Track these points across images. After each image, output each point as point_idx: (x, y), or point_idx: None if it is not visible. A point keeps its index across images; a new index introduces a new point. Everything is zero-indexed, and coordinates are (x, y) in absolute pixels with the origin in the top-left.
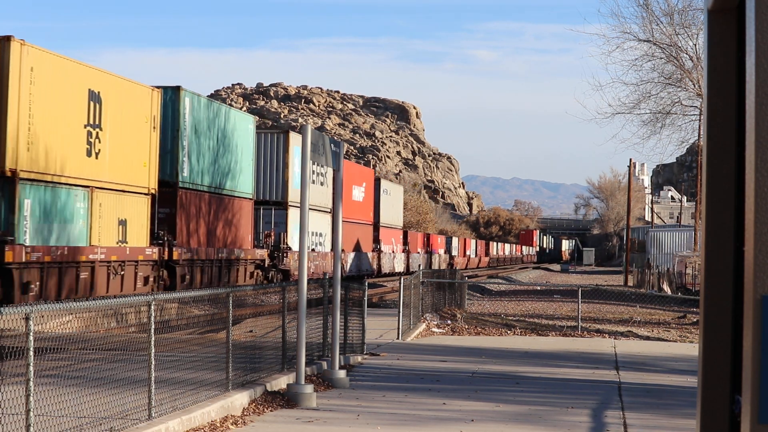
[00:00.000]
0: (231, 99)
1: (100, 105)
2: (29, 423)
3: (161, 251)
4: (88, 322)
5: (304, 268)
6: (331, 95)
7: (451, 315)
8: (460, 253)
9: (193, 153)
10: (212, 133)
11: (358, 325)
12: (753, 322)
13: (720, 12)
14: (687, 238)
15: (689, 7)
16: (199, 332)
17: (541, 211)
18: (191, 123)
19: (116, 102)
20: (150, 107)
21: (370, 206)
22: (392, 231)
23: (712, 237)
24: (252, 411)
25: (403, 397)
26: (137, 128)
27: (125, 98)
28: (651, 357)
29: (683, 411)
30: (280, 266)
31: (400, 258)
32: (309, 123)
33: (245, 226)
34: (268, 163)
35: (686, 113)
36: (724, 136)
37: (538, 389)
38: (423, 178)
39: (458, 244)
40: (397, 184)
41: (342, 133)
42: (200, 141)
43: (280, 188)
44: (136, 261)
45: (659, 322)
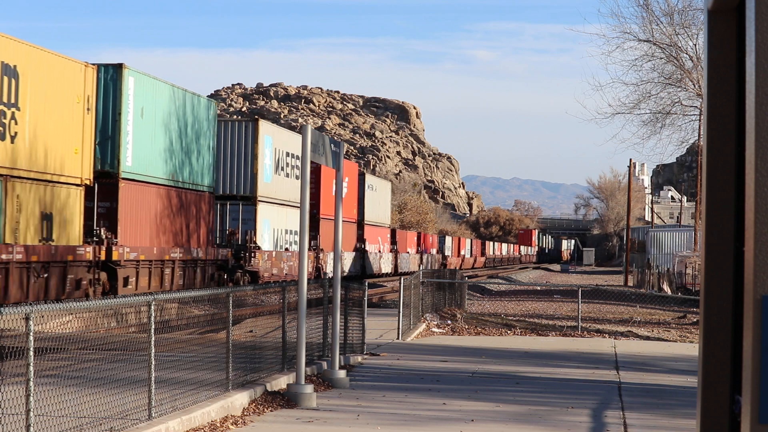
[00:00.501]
0: (231, 99)
1: (16, 81)
2: (29, 423)
3: (97, 250)
4: (88, 322)
5: (304, 268)
6: (331, 95)
7: (451, 315)
8: (454, 253)
9: (141, 140)
10: (165, 118)
11: (358, 325)
12: (753, 322)
13: (720, 12)
14: (687, 238)
15: (689, 7)
16: (199, 332)
17: (541, 211)
18: (137, 106)
19: (38, 78)
20: (83, 86)
21: (353, 203)
22: (378, 229)
23: (712, 237)
24: (252, 411)
25: (403, 397)
26: (66, 109)
27: (50, 74)
28: (651, 357)
29: (683, 411)
30: (247, 267)
31: (388, 258)
32: (309, 123)
33: (205, 222)
34: (234, 154)
35: (686, 113)
36: (724, 136)
37: (538, 389)
38: (423, 178)
39: (452, 244)
40: (383, 180)
41: (342, 133)
42: (149, 127)
43: (248, 182)
44: (64, 262)
45: (659, 322)
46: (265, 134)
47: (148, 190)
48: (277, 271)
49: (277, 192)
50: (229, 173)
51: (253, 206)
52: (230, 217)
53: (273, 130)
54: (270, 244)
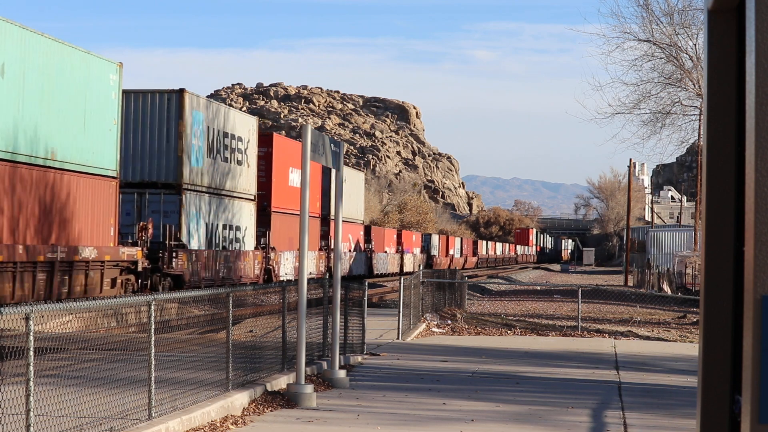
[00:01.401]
0: (231, 99)
1: None
2: (29, 423)
3: None
4: (88, 322)
5: (304, 268)
6: (331, 95)
7: (451, 315)
8: (442, 253)
9: (2, 107)
10: (42, 82)
11: (358, 325)
12: (753, 322)
13: (720, 12)
14: (687, 238)
15: (689, 7)
16: (199, 332)
17: (541, 211)
18: None
19: None
20: None
21: (316, 195)
22: (349, 226)
23: (712, 237)
24: (252, 411)
25: (403, 397)
26: None
27: None
28: (651, 357)
29: (683, 411)
30: (166, 270)
31: (360, 259)
32: (309, 123)
33: (105, 215)
34: (151, 132)
35: (686, 113)
36: (724, 136)
37: (538, 389)
38: (423, 178)
39: (439, 243)
40: (355, 170)
41: (342, 133)
42: (16, 91)
43: (171, 166)
44: None
45: (659, 322)
46: (194, 109)
47: (14, 174)
48: (211, 273)
49: (211, 179)
50: (141, 155)
51: (176, 195)
52: (149, 209)
53: (205, 104)
54: (200, 241)
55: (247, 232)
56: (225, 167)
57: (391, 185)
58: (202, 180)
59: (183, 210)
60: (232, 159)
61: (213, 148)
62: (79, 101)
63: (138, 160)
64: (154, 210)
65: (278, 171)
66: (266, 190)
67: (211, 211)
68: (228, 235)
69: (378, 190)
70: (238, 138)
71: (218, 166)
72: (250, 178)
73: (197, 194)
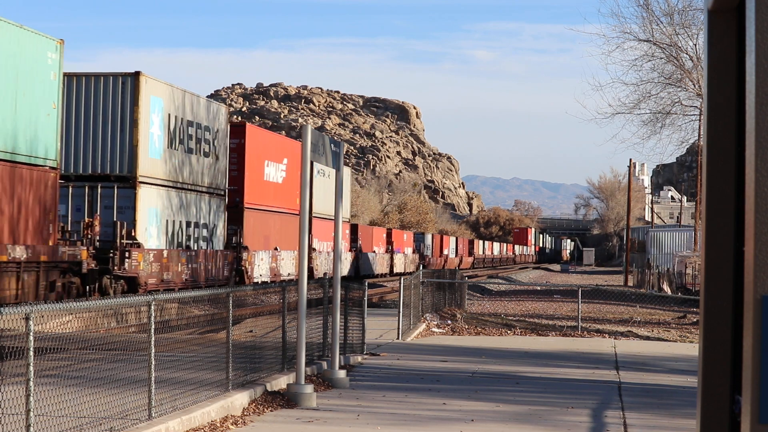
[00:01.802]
0: (231, 99)
1: None
2: (29, 423)
3: None
4: (88, 322)
5: (304, 268)
6: (331, 95)
7: (451, 315)
8: (435, 253)
9: None
10: None
11: (358, 325)
12: (753, 322)
13: (720, 12)
14: (687, 238)
15: (689, 7)
16: (199, 332)
17: (541, 211)
18: None
19: None
20: None
21: (295, 190)
22: (328, 224)
23: (712, 237)
24: (252, 411)
25: (403, 397)
26: None
27: None
28: (651, 357)
29: (683, 411)
30: (117, 271)
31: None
32: (309, 123)
33: (42, 210)
34: (104, 119)
35: (686, 113)
36: (724, 136)
37: (538, 389)
38: (423, 178)
39: (432, 242)
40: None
41: (342, 133)
42: None
43: (125, 157)
44: None
45: (659, 322)
46: (152, 95)
47: None
48: (171, 275)
49: (172, 172)
50: (92, 145)
51: (131, 189)
52: (102, 204)
53: (165, 90)
54: (160, 240)
55: (216, 230)
56: (190, 159)
57: (391, 185)
58: (161, 173)
59: (139, 205)
60: (198, 150)
61: (175, 138)
62: (8, 81)
63: (89, 150)
64: (107, 205)
65: (252, 164)
66: (238, 185)
67: (173, 207)
68: (193, 233)
69: (378, 190)
70: (205, 128)
71: (181, 158)
72: (219, 171)
73: (156, 188)
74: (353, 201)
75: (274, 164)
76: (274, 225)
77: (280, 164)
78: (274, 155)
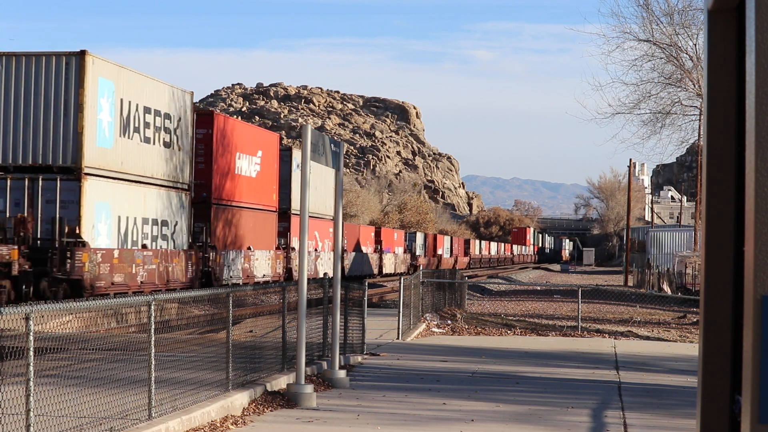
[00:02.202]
0: (231, 99)
1: None
2: (29, 423)
3: None
4: (88, 322)
5: (304, 268)
6: (331, 95)
7: (451, 315)
8: (429, 252)
9: None
10: None
11: (358, 325)
12: (753, 322)
13: (720, 12)
14: (687, 238)
15: (689, 7)
16: (199, 332)
17: (541, 211)
18: None
19: None
20: None
21: (270, 185)
22: (316, 222)
23: (712, 237)
24: (252, 411)
25: (403, 397)
26: None
27: None
28: (651, 357)
29: (683, 411)
30: (57, 273)
31: (327, 258)
32: (309, 123)
33: None
34: (46, 104)
35: (686, 113)
36: (724, 136)
37: (538, 389)
38: (423, 178)
39: (426, 242)
40: None
41: (342, 133)
42: None
43: (68, 146)
44: None
45: (659, 322)
46: (100, 76)
47: None
48: (124, 278)
49: (126, 163)
50: (42, 133)
51: (76, 182)
52: (43, 198)
53: (116, 72)
54: (111, 238)
55: (179, 227)
56: (146, 150)
57: (391, 185)
58: (112, 163)
59: (85, 199)
60: (156, 140)
61: (129, 126)
62: None
63: (30, 138)
64: (48, 199)
65: (221, 156)
66: (206, 179)
67: (127, 202)
68: (151, 231)
69: (378, 190)
70: (165, 115)
71: (137, 148)
72: (181, 163)
73: (106, 181)
74: (353, 201)
75: (247, 157)
76: (246, 223)
77: (254, 157)
78: (248, 147)
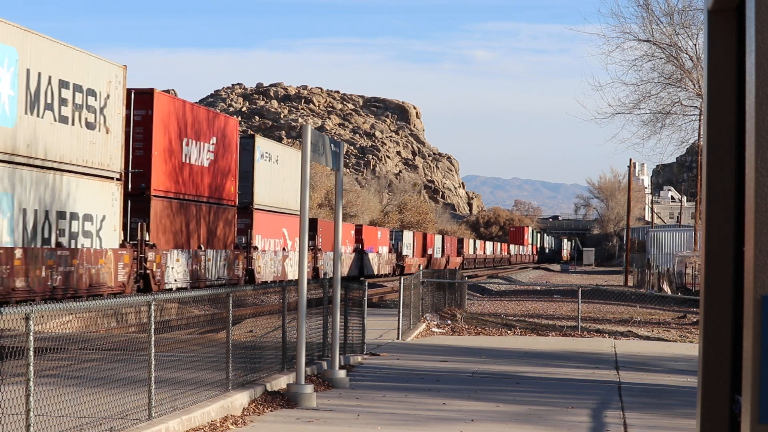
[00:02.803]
0: (231, 99)
1: None
2: (29, 423)
3: None
4: (88, 322)
5: (304, 267)
6: (331, 95)
7: (451, 315)
8: (416, 252)
9: None
10: None
11: (358, 325)
12: (753, 322)
13: (720, 12)
14: (687, 238)
15: (689, 7)
16: (199, 332)
17: (541, 211)
18: None
19: None
20: None
21: (229, 177)
22: (281, 218)
23: (712, 237)
24: (252, 411)
25: (403, 397)
26: None
27: None
28: (651, 357)
29: (683, 411)
30: None
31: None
32: (309, 123)
33: None
34: None
35: (686, 113)
36: (724, 136)
37: (538, 389)
38: (423, 178)
39: (414, 241)
40: (291, 148)
41: (342, 133)
42: None
43: None
44: None
45: (659, 322)
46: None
47: None
48: (31, 282)
49: (34, 146)
50: None
51: None
52: None
53: (20, 37)
54: (13, 235)
55: (107, 223)
56: (63, 131)
57: (391, 185)
58: (13, 146)
59: None
60: (77, 119)
61: (39, 102)
62: None
63: None
64: None
65: (164, 142)
66: (145, 168)
67: (35, 193)
68: (69, 227)
69: (378, 190)
70: (88, 91)
71: (49, 129)
72: (111, 148)
73: (4, 166)
74: (353, 201)
75: (198, 143)
76: (196, 218)
77: (207, 144)
78: (199, 132)
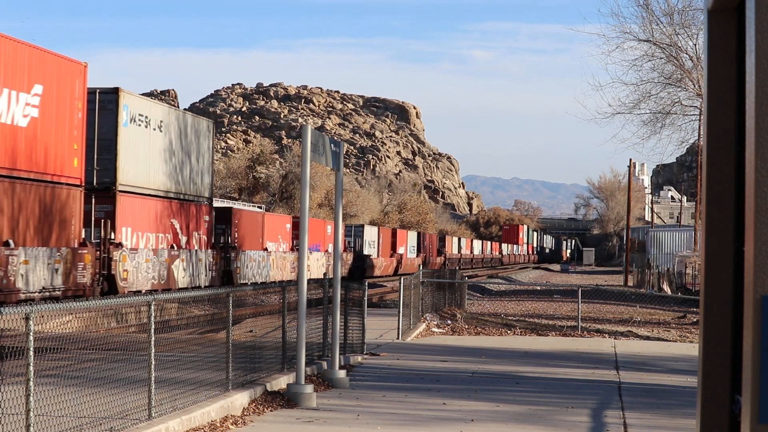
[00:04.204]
0: (231, 99)
1: None
2: (29, 423)
3: None
4: (88, 322)
5: (304, 268)
6: (331, 95)
7: (451, 315)
8: (384, 252)
9: None
10: None
11: (358, 325)
12: (753, 322)
13: (720, 12)
14: (687, 238)
15: (689, 7)
16: (199, 332)
17: (541, 211)
18: None
19: None
20: None
21: (59, 140)
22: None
23: (712, 237)
24: (252, 411)
25: (403, 397)
26: None
27: None
28: (651, 357)
29: (683, 411)
30: None
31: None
32: (309, 123)
33: None
34: None
35: (686, 113)
36: (724, 136)
37: (538, 389)
38: (423, 178)
39: (379, 238)
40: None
41: (342, 133)
42: None
43: None
44: None
45: (659, 322)
46: None
47: None
48: None
49: None
50: None
51: None
52: None
53: None
54: None
55: None
56: None
57: (391, 185)
58: None
59: None
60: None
61: None
62: None
63: None
64: None
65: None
66: None
67: None
68: None
69: (378, 190)
70: None
71: None
72: None
73: None
74: (353, 201)
75: (6, 92)
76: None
77: (26, 94)
78: (11, 77)
